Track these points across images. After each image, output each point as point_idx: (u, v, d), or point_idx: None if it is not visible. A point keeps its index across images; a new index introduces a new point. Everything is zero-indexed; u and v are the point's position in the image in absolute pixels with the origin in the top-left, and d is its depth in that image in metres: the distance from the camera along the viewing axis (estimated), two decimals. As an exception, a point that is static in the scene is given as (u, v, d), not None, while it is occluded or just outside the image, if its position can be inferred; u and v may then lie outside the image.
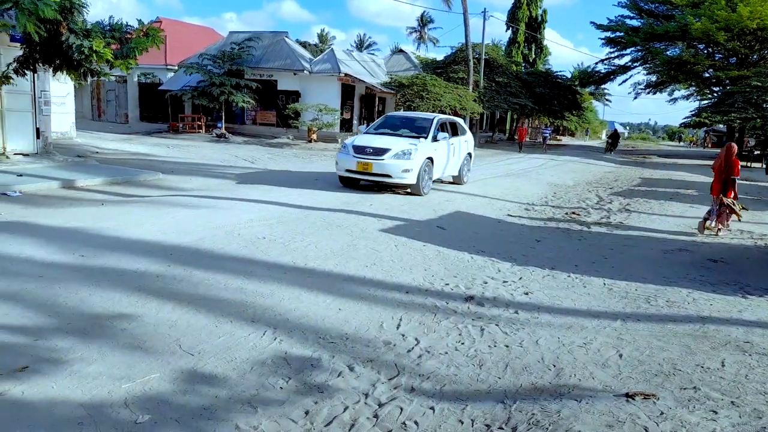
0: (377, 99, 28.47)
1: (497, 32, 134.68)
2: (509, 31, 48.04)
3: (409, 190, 10.66)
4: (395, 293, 4.89)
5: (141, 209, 7.66)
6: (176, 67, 28.20)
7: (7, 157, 11.58)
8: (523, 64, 45.19)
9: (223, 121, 24.68)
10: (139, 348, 3.46)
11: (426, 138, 10.78)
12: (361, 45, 65.38)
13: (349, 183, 11.13)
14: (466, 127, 12.99)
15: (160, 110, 28.95)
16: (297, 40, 33.02)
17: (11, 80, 9.89)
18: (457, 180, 12.62)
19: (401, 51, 36.17)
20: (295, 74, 25.84)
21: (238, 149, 19.18)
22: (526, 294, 5.12)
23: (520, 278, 5.61)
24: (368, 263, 5.74)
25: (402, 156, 10.09)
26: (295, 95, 26.03)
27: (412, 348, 3.79)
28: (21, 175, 9.63)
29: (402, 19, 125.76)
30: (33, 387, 2.92)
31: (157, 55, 27.65)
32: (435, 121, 11.30)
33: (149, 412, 2.79)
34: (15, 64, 10.01)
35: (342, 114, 26.34)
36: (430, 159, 10.60)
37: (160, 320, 3.91)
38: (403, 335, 3.99)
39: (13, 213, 7.02)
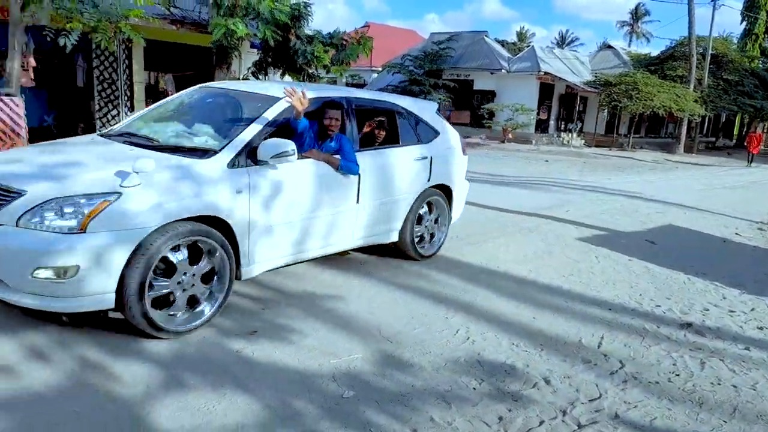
0: (578, 98, 26.88)
1: (728, 23, 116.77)
2: (744, 23, 41.35)
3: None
4: (595, 308, 4.54)
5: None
6: (380, 69, 30.06)
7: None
8: (761, 59, 38.50)
9: (419, 119, 25.61)
10: (345, 328, 3.75)
11: (217, 153, 3.66)
12: (562, 41, 62.30)
13: None
14: (439, 122, 5.59)
15: (363, 109, 31.16)
16: (495, 38, 32.74)
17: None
18: (402, 245, 5.23)
19: (609, 47, 33.48)
20: (492, 73, 25.69)
21: (432, 147, 19.71)
22: (761, 329, 4.34)
23: (752, 309, 4.78)
24: (565, 273, 5.43)
25: (37, 221, 3.04)
26: (490, 95, 25.89)
27: (616, 371, 3.47)
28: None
29: (613, 12, 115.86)
30: (260, 350, 3.35)
31: (363, 58, 29.80)
32: (274, 109, 4.04)
33: (353, 389, 3.00)
34: (252, 68, 11.64)
35: (538, 114, 25.46)
36: (213, 220, 3.50)
37: (362, 304, 4.18)
38: (605, 355, 3.68)
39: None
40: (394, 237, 5.12)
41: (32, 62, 9.67)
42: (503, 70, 25.34)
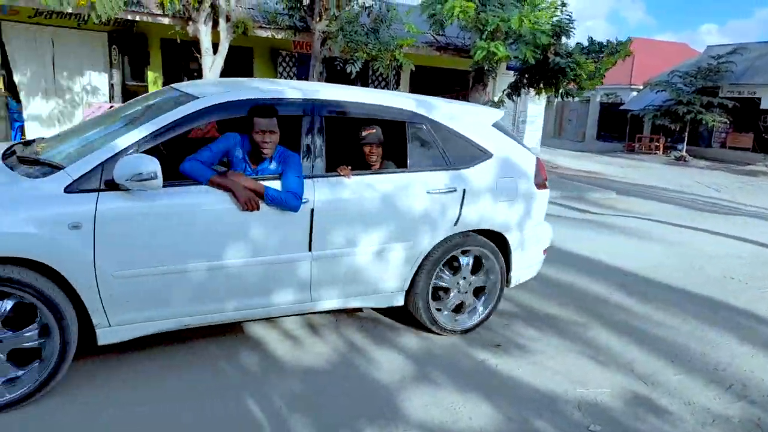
0: None
1: None
2: None
3: None
4: None
5: (593, 226, 7.86)
6: (640, 87, 27.59)
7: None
8: None
9: (685, 142, 22.71)
10: (592, 357, 3.57)
11: (59, 171, 2.75)
12: None
13: None
14: (494, 138, 3.80)
15: (617, 129, 29.05)
16: (798, 48, 27.00)
17: (503, 103, 11.74)
18: (413, 311, 3.68)
19: None
20: (789, 90, 21.38)
21: (700, 174, 17.31)
22: None
23: None
24: None
25: None
26: (784, 115, 21.57)
27: None
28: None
29: None
30: (504, 363, 3.41)
31: (622, 76, 27.79)
32: (173, 115, 2.92)
33: (600, 423, 2.84)
34: (508, 90, 11.85)
35: None
36: None
37: (612, 336, 3.92)
38: None
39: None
40: (398, 300, 3.61)
41: (322, 88, 11.52)
42: (806, 86, 20.84)
